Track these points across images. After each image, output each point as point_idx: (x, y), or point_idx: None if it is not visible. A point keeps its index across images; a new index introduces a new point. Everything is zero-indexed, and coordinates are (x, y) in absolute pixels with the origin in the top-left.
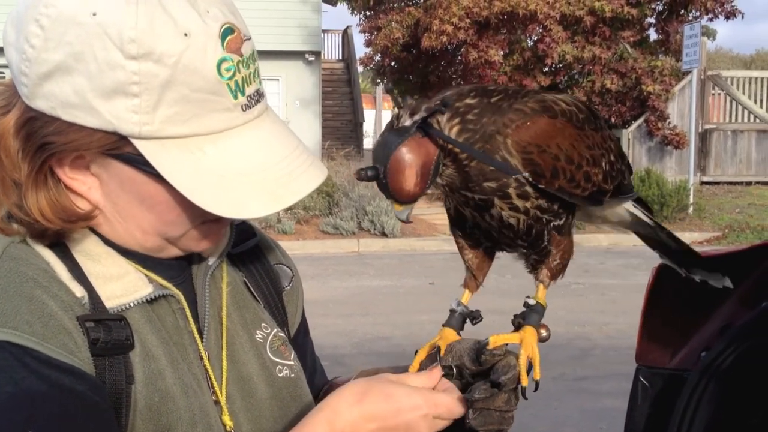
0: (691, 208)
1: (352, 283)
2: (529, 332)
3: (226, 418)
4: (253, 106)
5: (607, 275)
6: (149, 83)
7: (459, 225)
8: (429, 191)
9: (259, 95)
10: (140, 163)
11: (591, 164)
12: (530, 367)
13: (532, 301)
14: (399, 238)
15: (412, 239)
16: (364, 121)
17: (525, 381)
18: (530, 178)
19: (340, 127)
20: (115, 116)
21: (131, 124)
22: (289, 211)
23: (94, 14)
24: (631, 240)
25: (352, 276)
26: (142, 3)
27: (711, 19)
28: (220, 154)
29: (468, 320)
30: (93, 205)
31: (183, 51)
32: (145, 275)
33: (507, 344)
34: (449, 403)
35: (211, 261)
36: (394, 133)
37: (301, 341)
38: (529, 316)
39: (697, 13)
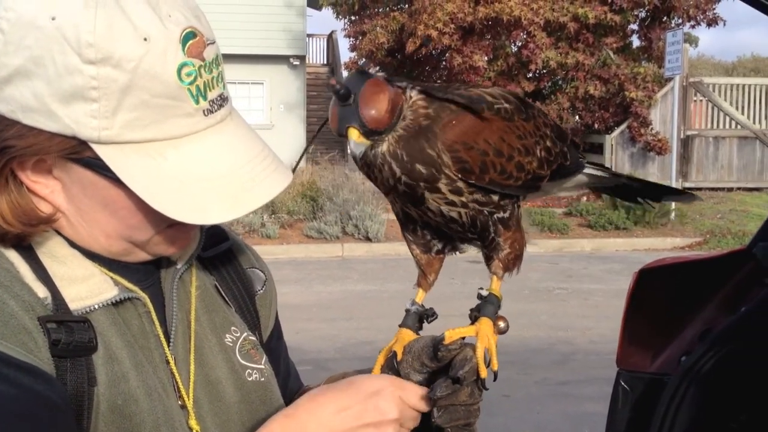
0: (673, 214)
1: (336, 288)
2: (484, 324)
3: (193, 422)
4: (215, 111)
5: (590, 280)
6: (108, 88)
7: (408, 227)
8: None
9: (222, 99)
10: (100, 168)
11: (523, 154)
12: (489, 361)
13: (485, 293)
14: (383, 242)
15: (396, 244)
16: None
17: (484, 372)
18: (460, 176)
19: (324, 131)
20: (74, 121)
21: (90, 129)
22: (273, 216)
23: (53, 18)
24: (614, 245)
25: (336, 280)
26: (101, 7)
27: (693, 27)
28: (182, 159)
29: (424, 319)
30: (56, 208)
31: (142, 56)
32: (111, 278)
33: (464, 338)
34: (415, 387)
35: (180, 265)
36: (365, 71)
37: (274, 345)
38: (484, 307)
39: (680, 21)
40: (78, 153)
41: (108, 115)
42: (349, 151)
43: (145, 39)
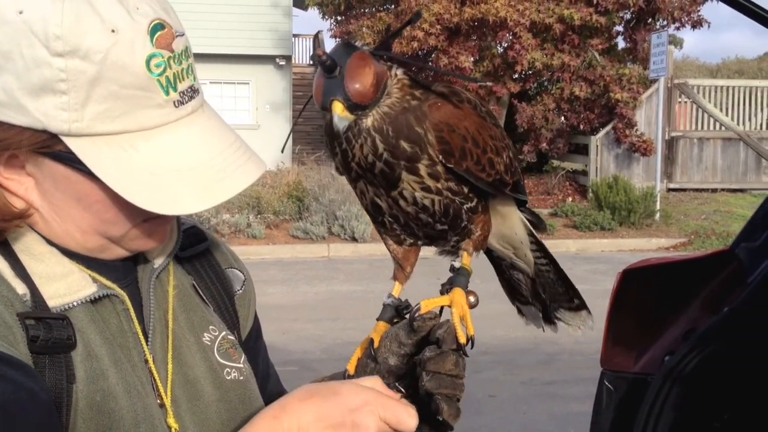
0: (657, 215)
1: (322, 288)
2: (458, 293)
3: (171, 421)
4: (186, 102)
5: (575, 280)
6: (77, 80)
7: (378, 219)
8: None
9: (193, 91)
10: (72, 161)
11: (494, 152)
12: (469, 337)
13: (457, 264)
14: (369, 243)
15: (382, 244)
16: None
17: (462, 338)
18: (441, 157)
19: (310, 131)
20: (43, 114)
21: (60, 122)
22: (259, 216)
23: (21, 12)
24: (600, 246)
25: (322, 281)
26: (68, 0)
27: (678, 28)
28: (153, 151)
29: (400, 311)
30: (29, 204)
31: (110, 47)
32: (90, 276)
33: (441, 308)
34: (398, 409)
35: (157, 264)
36: (351, 44)
37: (252, 345)
38: (456, 279)
39: (665, 22)
40: (49, 147)
41: (78, 107)
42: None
43: (113, 31)
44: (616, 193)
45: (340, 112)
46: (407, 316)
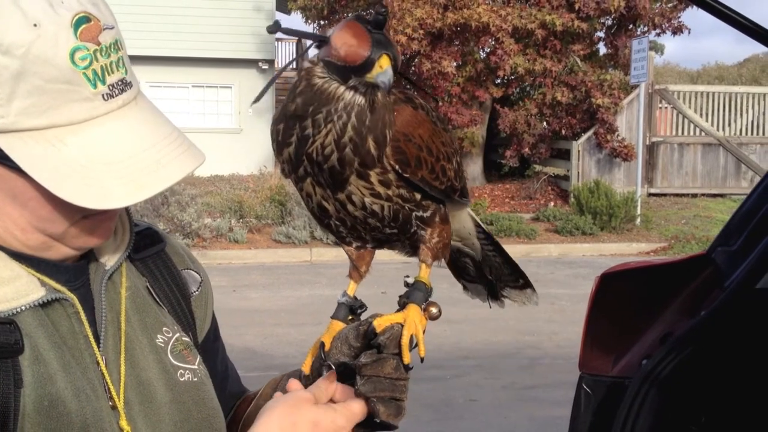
0: (638, 219)
1: (305, 293)
2: (413, 310)
3: (124, 423)
4: (116, 96)
5: (557, 285)
6: (0, 76)
7: (324, 221)
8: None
9: (124, 84)
10: (2, 158)
11: (446, 159)
12: (416, 345)
13: (410, 280)
14: None
15: None
16: None
17: (407, 358)
18: (397, 167)
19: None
20: None
21: None
22: (241, 220)
23: None
24: (581, 250)
25: (304, 285)
26: None
27: (658, 35)
28: (82, 145)
29: (354, 311)
30: None
31: (32, 41)
32: (39, 279)
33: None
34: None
35: (109, 265)
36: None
37: (210, 346)
38: (412, 294)
39: (645, 29)
40: None
41: (3, 103)
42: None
43: (35, 25)
44: (597, 198)
45: (389, 67)
46: (361, 316)
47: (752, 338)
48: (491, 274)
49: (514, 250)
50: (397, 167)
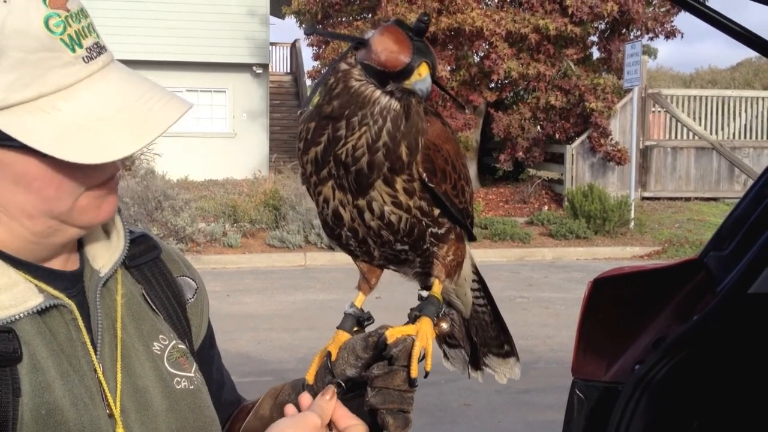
0: (632, 223)
1: (299, 297)
2: (425, 323)
3: (121, 431)
4: (95, 57)
5: (551, 289)
6: None
7: (335, 231)
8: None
9: (100, 48)
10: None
11: (465, 181)
12: (424, 357)
13: (424, 293)
14: None
15: None
16: None
17: (415, 372)
18: (424, 175)
19: (287, 140)
20: None
21: None
22: (235, 225)
23: None
24: (575, 254)
25: (298, 290)
26: None
27: (651, 39)
28: (75, 107)
29: (361, 322)
30: None
31: (5, 16)
32: (36, 286)
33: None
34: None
35: (103, 272)
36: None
37: (206, 353)
38: (425, 307)
39: (638, 33)
40: None
41: None
42: (413, 87)
43: (4, 1)
44: (591, 202)
45: (427, 75)
46: (368, 328)
47: (745, 343)
48: (476, 335)
49: (509, 254)
50: (424, 175)
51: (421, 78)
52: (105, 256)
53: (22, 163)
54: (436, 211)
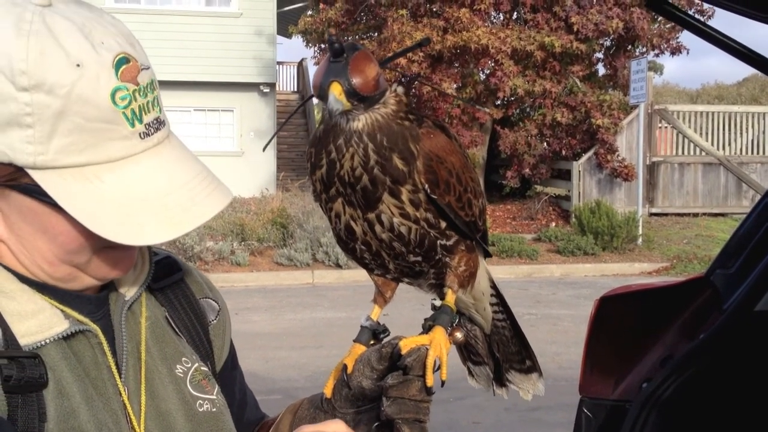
0: (640, 239)
1: (306, 315)
2: (439, 333)
3: None
4: (152, 134)
5: (559, 306)
6: (42, 114)
7: (349, 245)
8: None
9: (159, 123)
10: (38, 194)
11: (473, 194)
12: (439, 367)
13: (438, 303)
14: (353, 269)
15: None
16: None
17: (430, 381)
18: (426, 186)
19: (294, 158)
20: (9, 147)
21: (26, 155)
22: (243, 243)
23: None
24: (583, 271)
25: (306, 308)
26: (33, 35)
27: (657, 55)
28: (119, 182)
29: (377, 335)
30: None
31: (75, 81)
32: (62, 311)
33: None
34: None
35: (128, 296)
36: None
37: (228, 374)
38: (438, 317)
39: (644, 49)
40: (15, 180)
41: (43, 140)
42: (327, 108)
43: (78, 65)
44: (598, 218)
45: (337, 94)
46: (383, 340)
47: (752, 360)
48: (499, 351)
49: (516, 270)
50: (426, 186)
51: (334, 97)
52: (130, 279)
53: (53, 218)
54: (443, 224)
